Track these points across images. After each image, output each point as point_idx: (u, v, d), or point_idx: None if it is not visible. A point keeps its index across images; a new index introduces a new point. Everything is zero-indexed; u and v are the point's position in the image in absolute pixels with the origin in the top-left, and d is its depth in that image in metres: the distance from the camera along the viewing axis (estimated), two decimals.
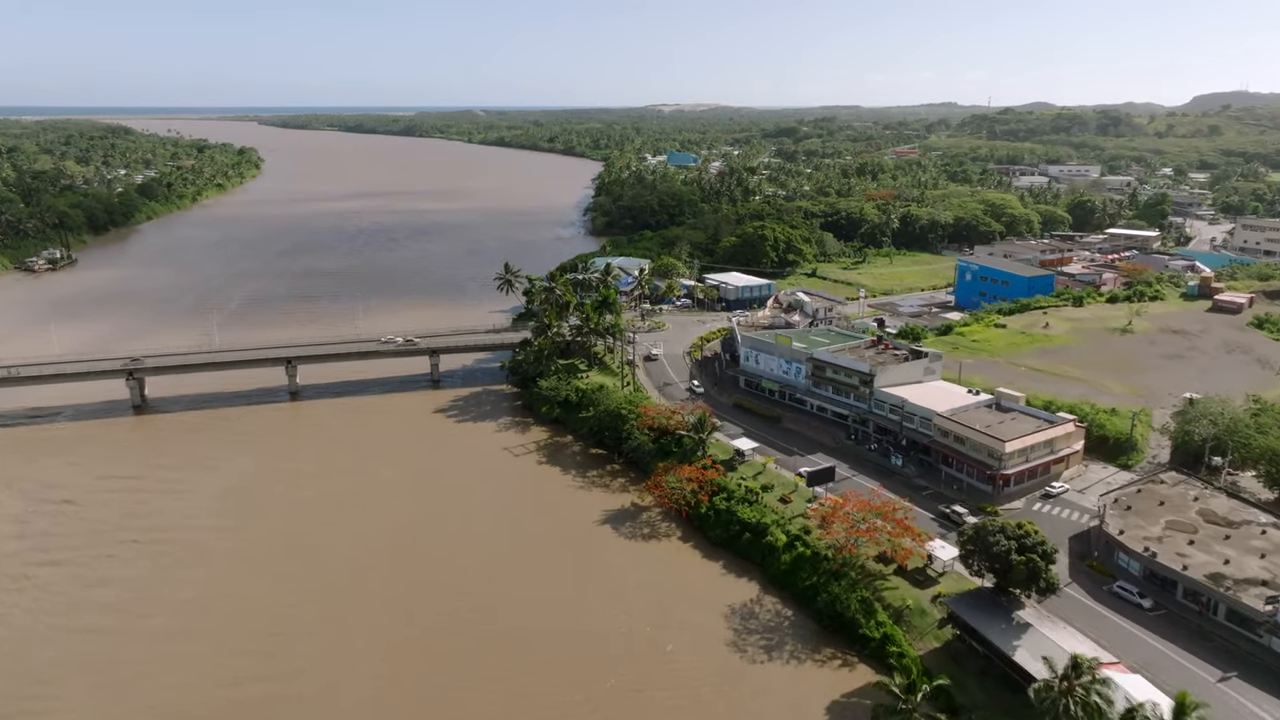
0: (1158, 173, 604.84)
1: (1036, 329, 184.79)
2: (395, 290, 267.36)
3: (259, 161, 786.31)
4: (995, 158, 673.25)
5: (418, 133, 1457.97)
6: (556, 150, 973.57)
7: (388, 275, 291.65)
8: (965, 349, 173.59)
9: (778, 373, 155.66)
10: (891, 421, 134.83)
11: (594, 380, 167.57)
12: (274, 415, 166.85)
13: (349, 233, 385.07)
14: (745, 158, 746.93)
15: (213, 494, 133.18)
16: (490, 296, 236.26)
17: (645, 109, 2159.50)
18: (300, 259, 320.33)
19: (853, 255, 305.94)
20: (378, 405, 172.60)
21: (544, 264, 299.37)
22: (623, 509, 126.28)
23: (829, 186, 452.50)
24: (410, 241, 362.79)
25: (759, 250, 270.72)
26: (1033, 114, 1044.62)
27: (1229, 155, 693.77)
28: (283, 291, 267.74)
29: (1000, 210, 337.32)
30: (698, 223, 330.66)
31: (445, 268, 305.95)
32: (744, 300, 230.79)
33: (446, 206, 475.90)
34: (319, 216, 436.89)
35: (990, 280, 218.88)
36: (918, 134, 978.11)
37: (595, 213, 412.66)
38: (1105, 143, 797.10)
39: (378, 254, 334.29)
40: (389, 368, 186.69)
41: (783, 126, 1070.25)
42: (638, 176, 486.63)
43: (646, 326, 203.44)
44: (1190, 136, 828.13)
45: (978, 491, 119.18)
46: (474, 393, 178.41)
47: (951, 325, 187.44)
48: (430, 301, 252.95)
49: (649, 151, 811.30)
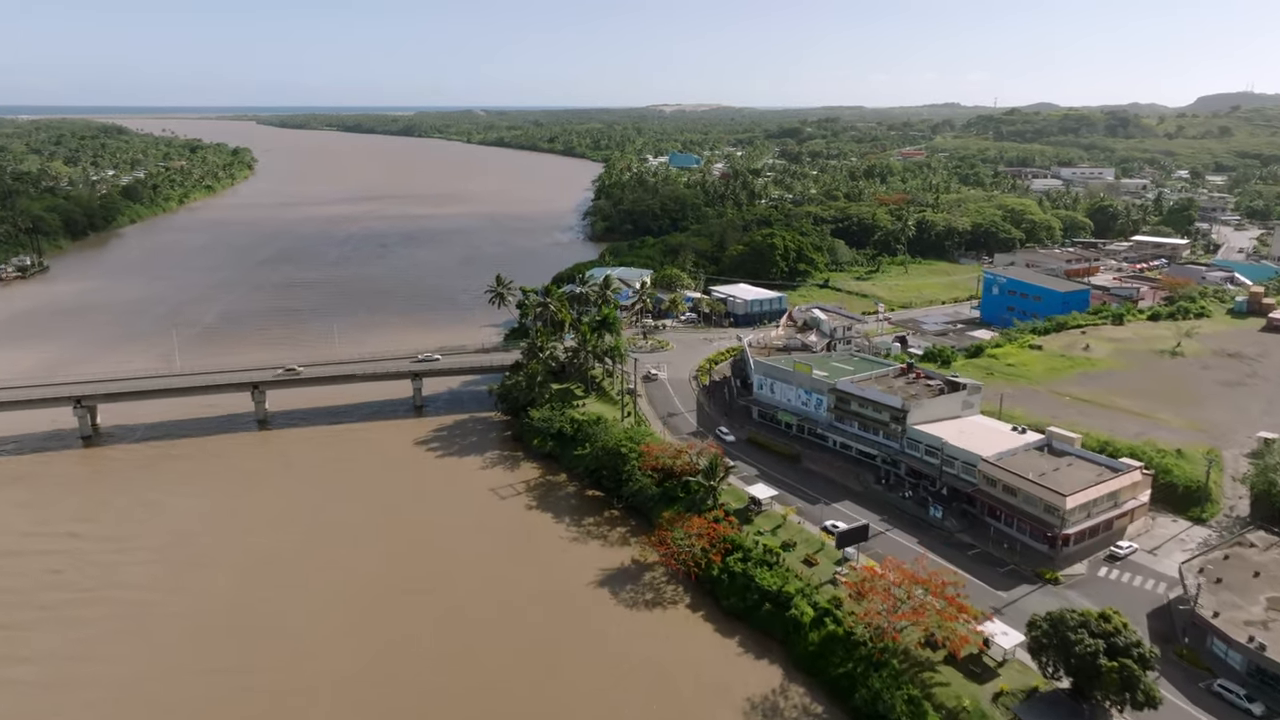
0: (1173, 175, 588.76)
1: (1076, 351, 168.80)
2: (381, 304, 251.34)
3: (252, 162, 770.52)
4: (1005, 159, 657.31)
5: (417, 133, 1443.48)
6: (556, 151, 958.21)
7: (374, 287, 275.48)
8: (1000, 374, 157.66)
9: (795, 404, 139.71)
10: (928, 465, 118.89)
11: (591, 410, 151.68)
12: (238, 447, 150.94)
13: (338, 239, 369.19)
14: (749, 159, 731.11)
15: (158, 544, 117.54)
16: (482, 309, 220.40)
17: (646, 109, 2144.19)
18: (283, 268, 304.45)
19: (866, 264, 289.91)
20: (353, 435, 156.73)
21: (540, 272, 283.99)
22: (622, 567, 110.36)
23: (836, 189, 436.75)
24: (401, 249, 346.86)
25: (768, 260, 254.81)
26: (1039, 115, 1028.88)
27: (1244, 157, 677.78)
28: (260, 306, 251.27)
29: (1020, 216, 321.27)
30: (702, 228, 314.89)
31: (436, 278, 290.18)
32: (753, 315, 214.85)
33: (441, 211, 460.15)
34: (308, 221, 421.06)
35: (1019, 294, 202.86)
36: (923, 135, 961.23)
37: (595, 217, 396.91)
38: (1115, 144, 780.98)
39: (366, 263, 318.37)
40: (368, 392, 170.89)
41: (786, 127, 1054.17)
42: (639, 179, 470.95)
43: (649, 346, 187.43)
44: (1201, 138, 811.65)
45: (1033, 552, 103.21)
46: (460, 421, 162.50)
47: (982, 346, 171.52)
48: (418, 316, 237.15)
49: (650, 152, 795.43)
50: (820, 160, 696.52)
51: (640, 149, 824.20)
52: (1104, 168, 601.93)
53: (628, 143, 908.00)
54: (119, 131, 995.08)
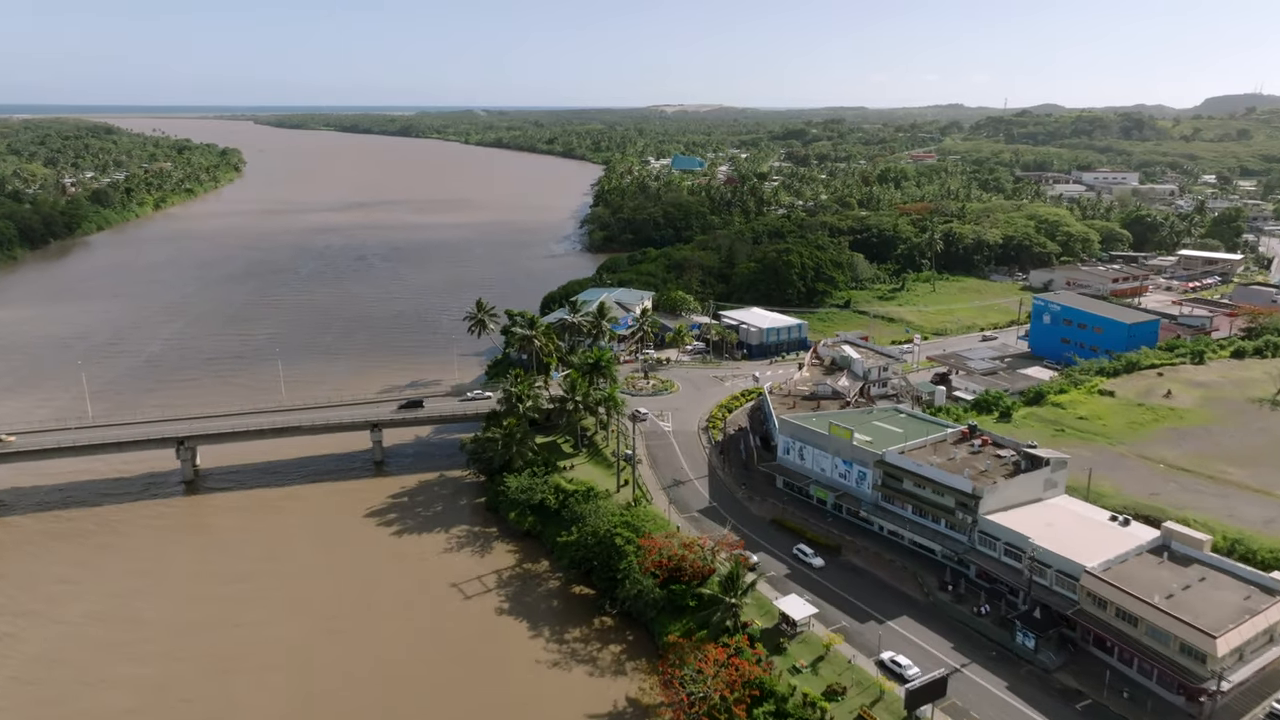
0: (1199, 180, 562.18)
1: (1156, 398, 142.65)
2: (349, 331, 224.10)
3: (240, 164, 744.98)
4: (1021, 163, 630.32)
5: (415, 133, 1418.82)
6: (556, 153, 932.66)
7: (345, 310, 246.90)
8: (1071, 430, 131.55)
9: (832, 475, 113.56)
10: (1009, 570, 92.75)
11: (580, 475, 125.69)
12: (150, 519, 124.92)
13: (315, 252, 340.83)
14: (754, 162, 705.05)
15: (30, 654, 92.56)
16: (464, 335, 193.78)
17: (648, 109, 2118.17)
18: (248, 285, 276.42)
19: (889, 281, 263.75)
20: (298, 500, 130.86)
21: (531, 290, 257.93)
22: (616, 711, 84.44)
23: (849, 196, 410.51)
24: (383, 264, 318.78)
25: (783, 278, 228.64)
26: (1051, 116, 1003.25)
27: (1270, 160, 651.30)
28: (212, 332, 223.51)
29: (1054, 228, 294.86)
30: (708, 240, 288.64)
31: (416, 297, 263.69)
32: (769, 346, 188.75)
33: (430, 219, 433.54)
34: (287, 231, 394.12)
35: (1076, 325, 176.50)
36: (932, 137, 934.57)
37: (592, 225, 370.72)
38: (1132, 147, 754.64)
39: (342, 281, 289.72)
40: (320, 444, 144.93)
41: (791, 128, 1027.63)
42: (640, 184, 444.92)
43: (650, 386, 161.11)
44: (1219, 140, 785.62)
45: (1167, 707, 77.08)
46: (426, 483, 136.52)
47: (1043, 391, 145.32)
48: (390, 345, 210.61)
49: (652, 155, 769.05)
50: (829, 163, 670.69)
51: (642, 151, 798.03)
52: (1123, 171, 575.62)
53: (629, 144, 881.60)
54: (107, 131, 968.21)
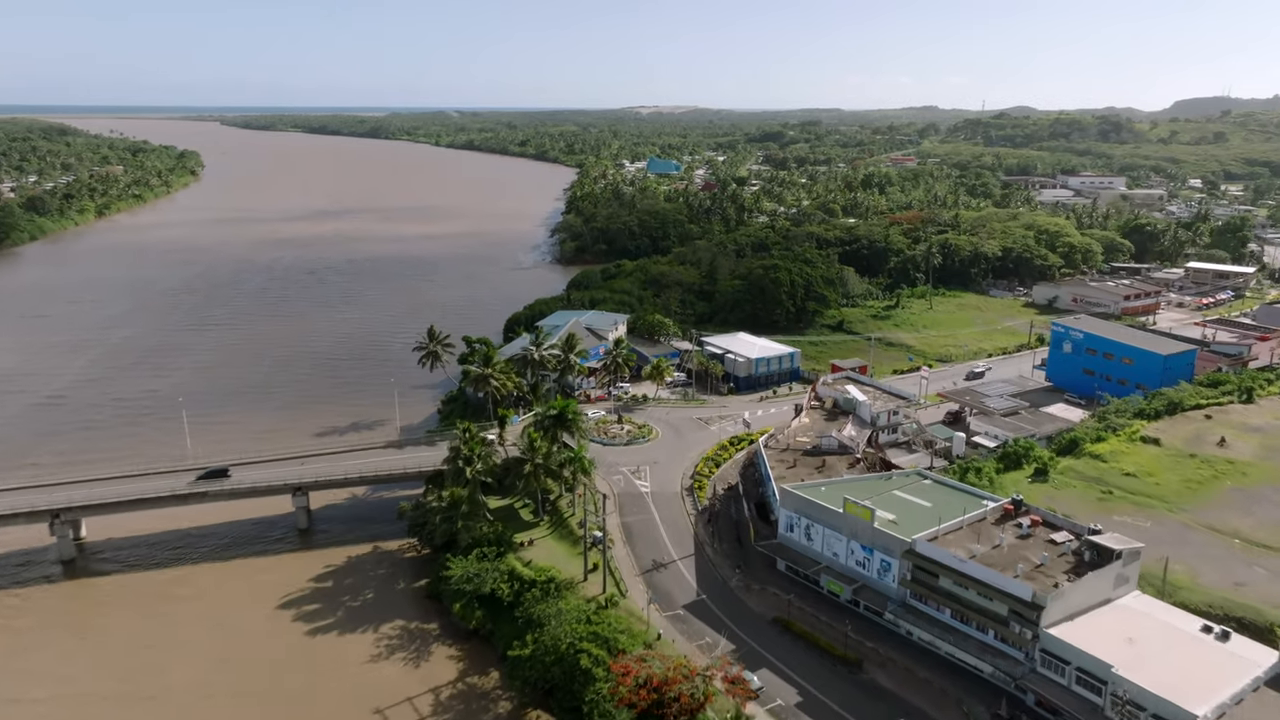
0: (1186, 184, 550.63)
1: (1207, 446, 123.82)
2: (287, 362, 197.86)
3: (197, 168, 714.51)
4: (1004, 166, 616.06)
5: (384, 135, 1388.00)
6: (528, 155, 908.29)
7: (285, 336, 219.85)
8: (1120, 491, 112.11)
9: (847, 561, 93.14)
10: (1082, 705, 72.67)
11: (539, 555, 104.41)
12: (17, 611, 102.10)
13: (263, 266, 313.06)
14: (731, 165, 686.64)
15: None
16: (419, 364, 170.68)
17: (622, 110, 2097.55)
18: (179, 309, 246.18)
19: (882, 296, 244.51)
20: (199, 585, 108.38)
21: (495, 309, 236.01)
22: None
23: (832, 202, 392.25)
24: (336, 280, 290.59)
25: (771, 297, 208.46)
26: (1028, 118, 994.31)
27: (1252, 164, 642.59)
28: (127, 365, 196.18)
29: (1055, 238, 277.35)
30: (687, 252, 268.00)
31: (368, 320, 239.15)
32: (758, 378, 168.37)
33: (392, 230, 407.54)
34: (238, 244, 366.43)
35: (1102, 355, 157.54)
36: (910, 139, 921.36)
37: (564, 235, 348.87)
38: (1111, 150, 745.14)
39: (287, 301, 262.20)
40: (234, 509, 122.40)
41: (767, 130, 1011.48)
42: (614, 190, 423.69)
43: (625, 432, 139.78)
44: (1196, 143, 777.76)
45: None
46: (358, 557, 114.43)
47: (1078, 439, 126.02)
48: (333, 379, 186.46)
49: (627, 158, 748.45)
50: (808, 167, 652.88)
51: (616, 154, 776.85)
52: (1107, 175, 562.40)
53: (603, 147, 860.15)
54: (61, 133, 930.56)
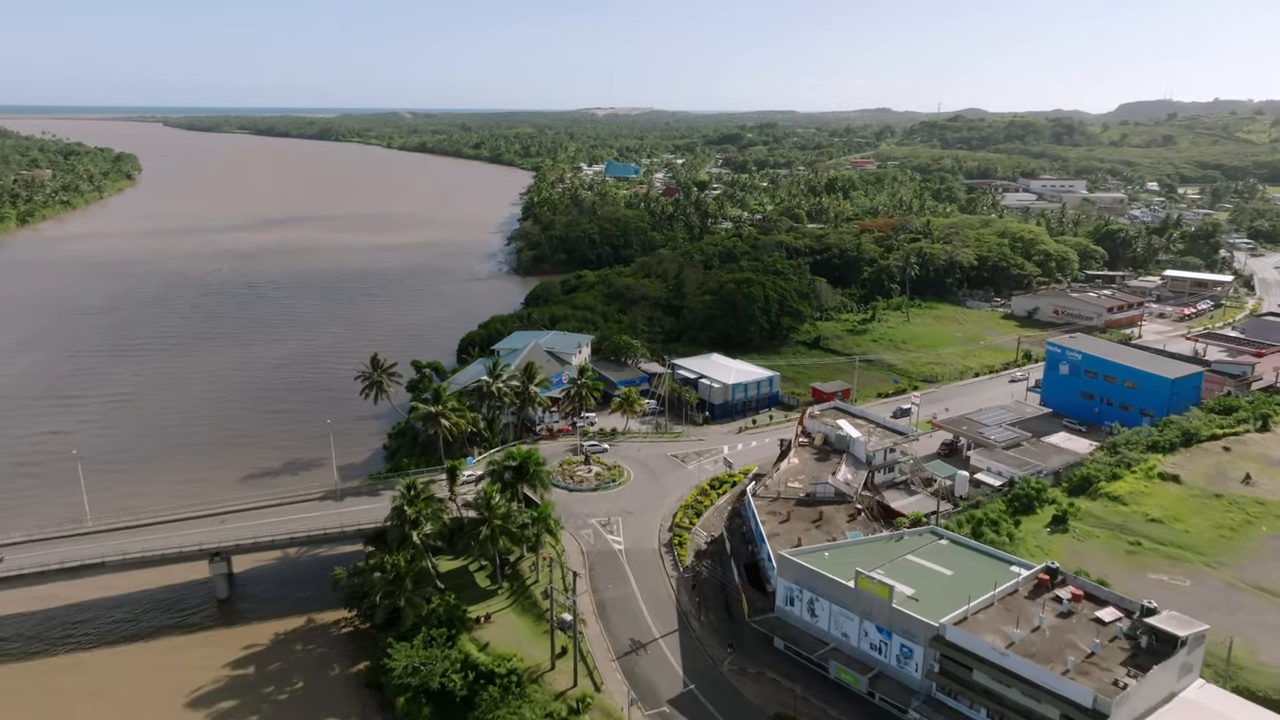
0: (1145, 187, 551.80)
1: (1231, 484, 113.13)
2: (214, 395, 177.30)
3: (134, 172, 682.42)
4: (964, 169, 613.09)
5: (334, 136, 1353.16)
6: (483, 158, 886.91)
7: (214, 364, 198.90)
8: (1148, 541, 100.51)
9: (859, 643, 79.72)
10: None
11: (497, 635, 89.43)
12: None
13: (196, 282, 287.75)
14: (691, 168, 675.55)
15: None
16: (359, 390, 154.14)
17: (579, 112, 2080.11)
18: (96, 333, 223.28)
19: (857, 309, 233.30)
20: (94, 673, 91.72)
21: (448, 326, 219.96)
22: None
23: (797, 208, 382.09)
24: (278, 299, 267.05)
25: (744, 313, 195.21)
26: (983, 120, 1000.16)
27: (1205, 167, 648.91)
28: (29, 401, 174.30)
29: (1030, 246, 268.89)
30: (652, 263, 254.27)
31: (310, 342, 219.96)
32: (737, 405, 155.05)
33: (340, 239, 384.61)
34: (172, 256, 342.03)
35: (1102, 377, 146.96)
36: (868, 142, 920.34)
37: (521, 243, 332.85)
38: (1066, 152, 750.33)
39: (223, 321, 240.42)
40: (139, 579, 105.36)
41: (725, 133, 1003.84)
42: (573, 196, 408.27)
43: (593, 476, 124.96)
44: (1145, 146, 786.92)
45: None
46: (286, 634, 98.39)
47: (1091, 478, 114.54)
48: (266, 414, 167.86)
49: (584, 160, 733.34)
50: (768, 170, 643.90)
51: (574, 157, 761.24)
52: (1065, 178, 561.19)
53: (560, 149, 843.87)
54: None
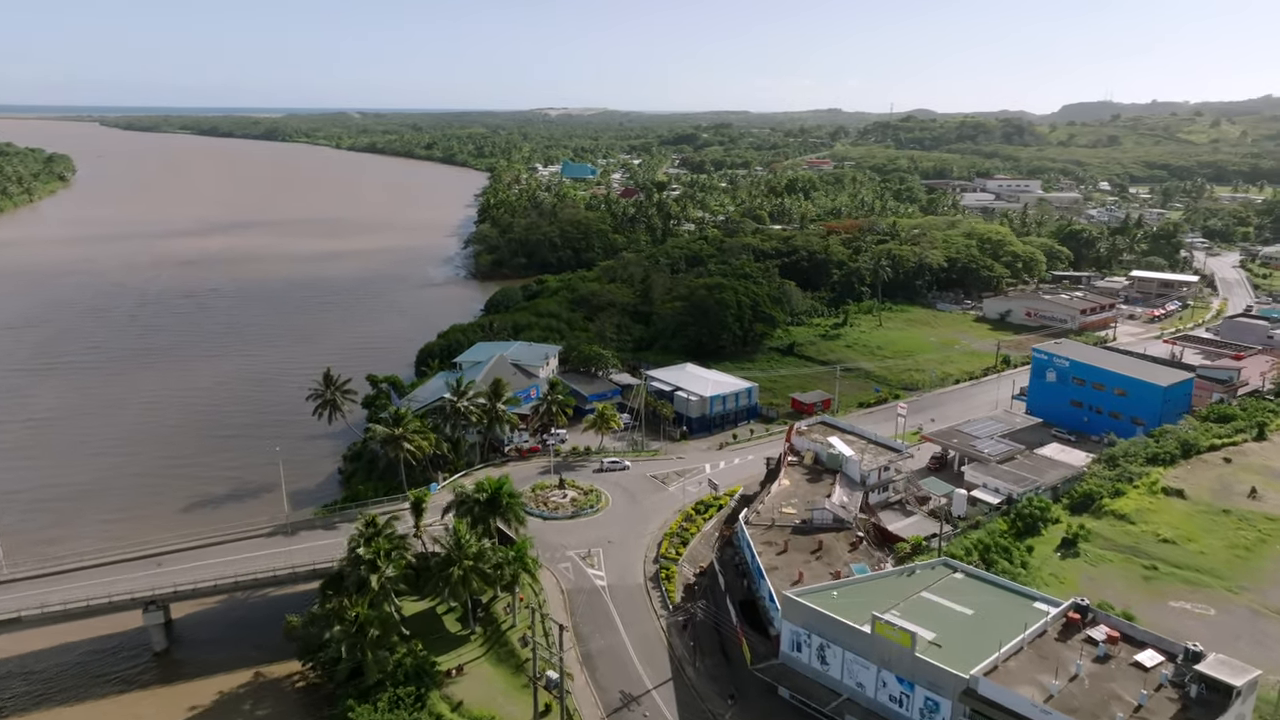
0: (1098, 187, 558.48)
1: (1237, 498, 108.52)
2: (152, 413, 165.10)
3: (67, 173, 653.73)
4: (920, 169, 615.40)
5: (281, 137, 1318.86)
6: (435, 158, 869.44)
7: (151, 383, 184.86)
8: (1163, 565, 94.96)
9: (877, 694, 72.29)
10: None
11: (471, 689, 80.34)
12: None
13: (133, 292, 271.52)
14: (647, 168, 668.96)
15: None
16: (313, 411, 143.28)
17: (530, 112, 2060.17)
18: (20, 348, 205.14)
19: (828, 313, 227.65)
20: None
21: (405, 336, 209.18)
22: None
23: (759, 209, 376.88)
24: (222, 312, 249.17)
25: (716, 320, 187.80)
26: (935, 121, 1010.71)
27: (1152, 167, 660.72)
28: None
29: (998, 247, 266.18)
30: (616, 267, 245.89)
31: (255, 357, 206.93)
32: (715, 418, 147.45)
33: (288, 245, 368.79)
34: (107, 264, 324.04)
35: (1091, 385, 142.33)
36: (822, 142, 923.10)
37: (479, 247, 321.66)
38: (1018, 152, 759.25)
39: (161, 334, 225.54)
40: (63, 632, 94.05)
41: (680, 133, 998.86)
42: (531, 198, 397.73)
43: (568, 501, 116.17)
44: (1093, 146, 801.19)
45: None
46: (232, 692, 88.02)
47: (1092, 495, 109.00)
48: (207, 437, 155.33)
49: (539, 161, 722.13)
50: (726, 170, 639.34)
51: (528, 157, 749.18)
52: (1020, 178, 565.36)
53: (514, 149, 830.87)
54: None
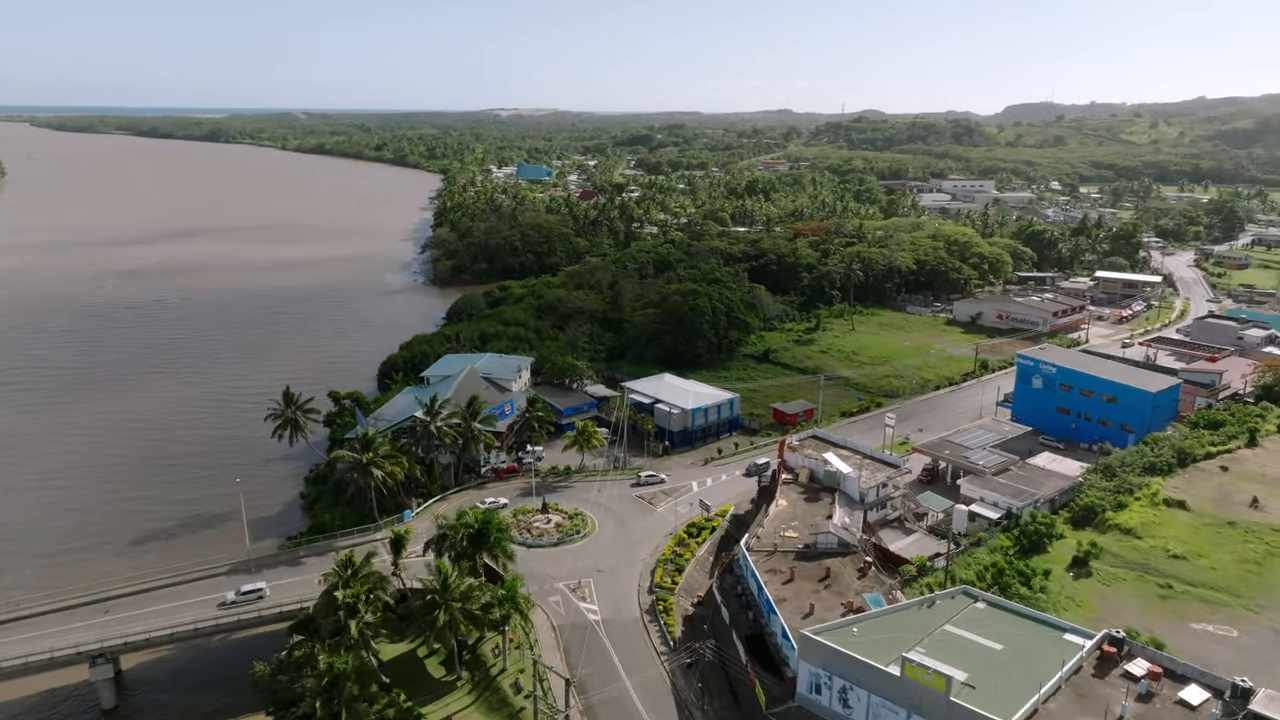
0: (1049, 187, 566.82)
1: (1238, 508, 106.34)
2: (95, 441, 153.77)
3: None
4: (875, 170, 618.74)
5: (224, 138, 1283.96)
6: (386, 160, 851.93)
7: (95, 405, 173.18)
8: (1177, 582, 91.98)
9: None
10: None
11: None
12: None
13: (70, 305, 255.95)
14: (604, 170, 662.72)
15: None
16: (269, 431, 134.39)
17: (482, 113, 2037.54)
18: None
19: (799, 318, 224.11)
20: None
21: (364, 349, 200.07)
22: None
23: (720, 210, 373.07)
24: (168, 325, 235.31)
25: (691, 328, 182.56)
26: (886, 122, 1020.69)
27: (1099, 167, 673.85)
28: None
29: (965, 249, 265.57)
30: (583, 273, 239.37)
31: (205, 373, 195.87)
32: (697, 431, 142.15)
33: (236, 254, 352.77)
34: (42, 276, 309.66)
35: (1079, 391, 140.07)
36: (776, 142, 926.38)
37: (438, 252, 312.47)
38: (968, 153, 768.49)
39: (104, 350, 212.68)
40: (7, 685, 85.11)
41: (634, 134, 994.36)
42: (489, 201, 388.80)
43: (552, 527, 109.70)
44: (1039, 147, 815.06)
45: None
46: None
47: (1094, 508, 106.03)
48: (156, 465, 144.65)
49: (493, 162, 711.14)
50: (683, 172, 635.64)
51: (482, 159, 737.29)
52: (973, 178, 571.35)
53: (466, 151, 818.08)
54: None
